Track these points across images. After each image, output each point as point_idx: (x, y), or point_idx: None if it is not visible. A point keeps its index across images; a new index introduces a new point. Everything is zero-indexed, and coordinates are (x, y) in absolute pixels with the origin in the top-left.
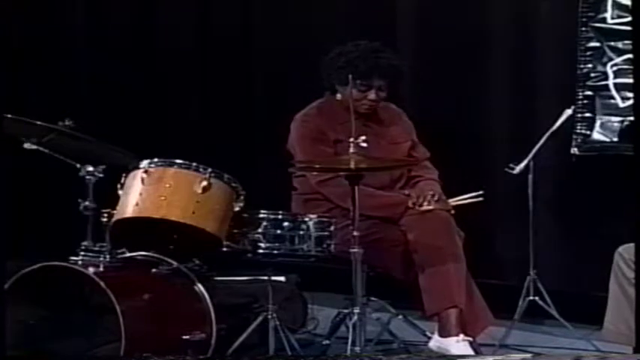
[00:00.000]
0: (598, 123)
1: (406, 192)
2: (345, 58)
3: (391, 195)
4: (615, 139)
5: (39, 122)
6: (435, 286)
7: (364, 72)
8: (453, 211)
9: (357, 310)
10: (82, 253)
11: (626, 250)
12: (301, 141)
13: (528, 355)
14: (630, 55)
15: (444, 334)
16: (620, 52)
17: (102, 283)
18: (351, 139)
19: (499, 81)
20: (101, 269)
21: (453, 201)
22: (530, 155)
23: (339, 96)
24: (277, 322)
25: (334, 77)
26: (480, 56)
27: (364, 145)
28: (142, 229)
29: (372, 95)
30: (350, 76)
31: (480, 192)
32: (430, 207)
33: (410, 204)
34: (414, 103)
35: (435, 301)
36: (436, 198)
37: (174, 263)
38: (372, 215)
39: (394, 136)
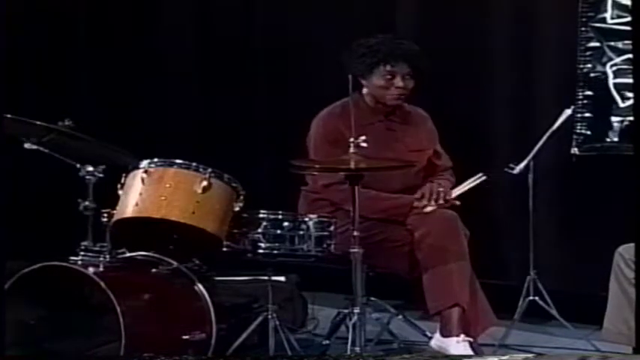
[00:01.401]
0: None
1: (417, 192)
2: (366, 46)
3: (396, 197)
4: (615, 139)
5: (39, 122)
6: (437, 285)
7: (387, 56)
8: (458, 202)
9: (357, 310)
10: (82, 253)
11: (626, 250)
12: (317, 140)
13: (530, 356)
14: (630, 55)
15: (445, 333)
16: (619, 52)
17: (102, 283)
18: (351, 139)
19: (499, 81)
20: (101, 269)
21: (457, 189)
22: (530, 155)
23: (365, 90)
24: (277, 322)
25: (357, 67)
26: (479, 56)
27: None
28: (142, 229)
29: (399, 82)
30: (375, 62)
31: (480, 174)
32: (434, 207)
33: (417, 203)
34: (414, 103)
35: (437, 299)
36: (446, 197)
37: (174, 263)
38: (377, 218)
39: (417, 143)
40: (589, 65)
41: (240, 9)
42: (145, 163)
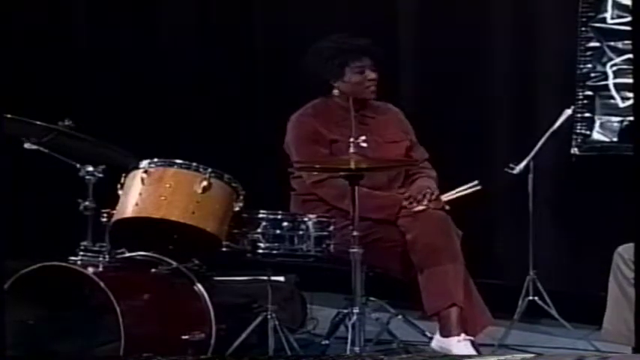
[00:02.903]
0: (598, 123)
1: (405, 193)
2: (331, 48)
3: (386, 195)
4: (615, 139)
5: (39, 122)
6: (433, 286)
7: (354, 53)
8: (447, 207)
9: (356, 310)
10: (82, 253)
11: (625, 250)
12: (297, 141)
13: (528, 355)
14: (630, 55)
15: (444, 333)
16: (619, 52)
17: (101, 283)
18: (351, 139)
19: (499, 81)
20: (101, 269)
21: (450, 194)
22: (530, 155)
23: (336, 92)
24: (277, 322)
25: (327, 71)
26: (479, 56)
27: (364, 145)
28: (141, 229)
29: (370, 75)
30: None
31: (475, 182)
32: (423, 207)
33: (406, 203)
34: (414, 103)
35: (434, 300)
36: (434, 196)
37: (174, 263)
38: (368, 217)
39: (392, 135)
40: (589, 65)
41: (240, 8)
42: (145, 163)
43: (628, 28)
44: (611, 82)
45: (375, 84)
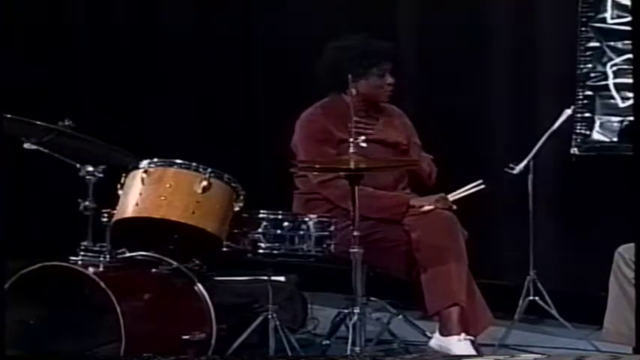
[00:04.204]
0: (598, 123)
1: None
2: (357, 49)
3: (392, 195)
4: (615, 139)
5: (39, 122)
6: (436, 285)
7: (381, 56)
8: (454, 207)
9: (357, 310)
10: (82, 253)
11: (626, 250)
12: (305, 141)
13: (529, 356)
14: (630, 55)
15: (445, 332)
16: (619, 52)
17: (102, 283)
18: (351, 139)
19: (499, 81)
20: (101, 269)
21: (455, 194)
22: (530, 155)
23: (353, 91)
24: (277, 322)
25: (352, 70)
26: (480, 56)
27: (364, 145)
28: (142, 229)
29: (389, 79)
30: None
31: (479, 181)
32: (431, 207)
33: (414, 202)
34: (414, 103)
35: (436, 299)
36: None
37: (174, 263)
38: (374, 217)
39: (397, 136)
40: (589, 65)
41: (240, 8)
42: (144, 163)
43: (628, 28)
44: (611, 82)
45: (392, 89)
